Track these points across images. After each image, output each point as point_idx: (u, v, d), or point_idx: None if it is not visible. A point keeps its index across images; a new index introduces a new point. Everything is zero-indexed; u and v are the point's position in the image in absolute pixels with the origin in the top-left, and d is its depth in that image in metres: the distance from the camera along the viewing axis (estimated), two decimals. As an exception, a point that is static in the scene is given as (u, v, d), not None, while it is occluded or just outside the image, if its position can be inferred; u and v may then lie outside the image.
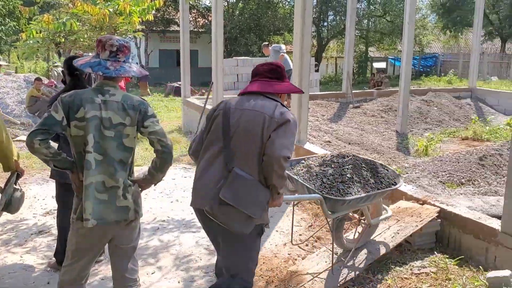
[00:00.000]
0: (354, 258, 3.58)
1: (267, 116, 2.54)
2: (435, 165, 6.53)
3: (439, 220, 3.95)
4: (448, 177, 6.04)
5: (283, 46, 10.50)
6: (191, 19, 23.99)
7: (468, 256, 3.67)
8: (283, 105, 2.66)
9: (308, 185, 3.14)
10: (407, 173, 6.31)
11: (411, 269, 3.52)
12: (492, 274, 3.05)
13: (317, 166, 3.39)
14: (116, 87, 2.63)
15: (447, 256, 3.67)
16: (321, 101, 11.74)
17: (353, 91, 12.40)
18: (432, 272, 3.44)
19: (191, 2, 12.74)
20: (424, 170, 6.38)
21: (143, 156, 7.55)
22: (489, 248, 3.54)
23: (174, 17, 24.89)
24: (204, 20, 25.79)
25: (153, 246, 4.33)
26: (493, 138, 8.79)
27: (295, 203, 3.93)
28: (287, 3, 28.21)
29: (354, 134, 8.89)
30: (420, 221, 3.86)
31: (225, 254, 2.68)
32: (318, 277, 3.41)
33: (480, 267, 3.41)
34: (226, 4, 24.60)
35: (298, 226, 4.75)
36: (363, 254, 3.60)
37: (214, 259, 4.03)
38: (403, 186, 4.56)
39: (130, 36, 9.47)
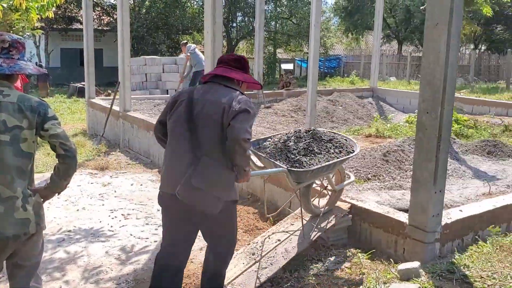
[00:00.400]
0: (271, 257, 3.56)
1: (226, 106, 2.73)
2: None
3: (351, 215, 4.07)
4: (355, 173, 6.26)
5: (192, 46, 10.47)
6: (95, 16, 22.91)
7: (379, 250, 3.81)
8: (243, 94, 2.88)
9: (274, 161, 3.42)
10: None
11: (326, 266, 3.58)
12: (402, 266, 3.19)
13: (282, 142, 3.67)
14: (11, 87, 2.37)
15: (360, 251, 3.79)
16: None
17: (264, 92, 12.56)
18: (347, 267, 3.52)
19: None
20: (333, 167, 6.57)
21: (45, 162, 7.03)
22: (398, 240, 3.71)
23: (76, 14, 23.63)
24: (109, 18, 24.77)
25: (58, 259, 4.01)
26: (394, 135, 9.30)
27: (265, 178, 4.21)
28: (195, 2, 28.00)
29: (266, 134, 8.98)
30: (333, 217, 3.95)
31: (210, 238, 3.00)
32: (236, 282, 3.34)
33: (391, 259, 3.55)
34: (132, 2, 23.82)
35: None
36: (279, 254, 3.59)
37: (126, 269, 3.83)
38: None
39: (28, 33, 8.79)
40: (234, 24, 28.84)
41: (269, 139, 3.80)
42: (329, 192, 4.10)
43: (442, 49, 3.26)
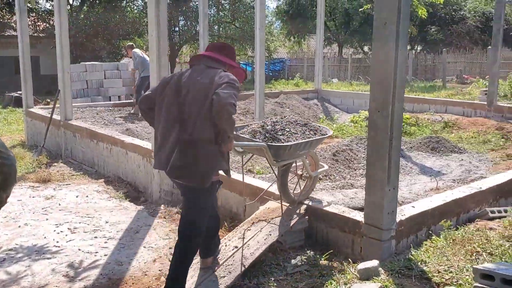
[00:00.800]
0: (229, 265, 3.46)
1: (210, 85, 2.94)
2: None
3: (307, 217, 4.04)
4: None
5: (138, 51, 10.35)
6: (30, 23, 21.89)
7: (336, 250, 3.80)
8: (225, 71, 3.08)
9: (253, 139, 3.66)
10: (270, 172, 6.44)
11: (285, 270, 3.53)
12: (362, 265, 3.18)
13: (259, 127, 3.88)
14: None
15: (318, 252, 3.76)
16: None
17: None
18: (306, 270, 3.48)
19: (29, 5, 11.51)
20: (285, 169, 6.56)
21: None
22: (355, 240, 3.71)
23: (9, 20, 22.48)
24: (45, 24, 23.73)
25: (-2, 281, 3.72)
26: (341, 135, 9.46)
27: (243, 163, 4.24)
28: (135, 7, 27.42)
29: (214, 138, 8.87)
30: (290, 220, 3.91)
31: (184, 205, 3.24)
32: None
33: (349, 259, 3.54)
34: (69, 7, 22.97)
35: (167, 239, 4.50)
36: (237, 261, 3.50)
37: (75, 286, 3.61)
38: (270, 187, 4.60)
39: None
40: (177, 29, 28.51)
41: (246, 127, 4.00)
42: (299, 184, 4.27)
43: (391, 48, 3.29)
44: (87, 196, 6.01)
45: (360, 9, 18.45)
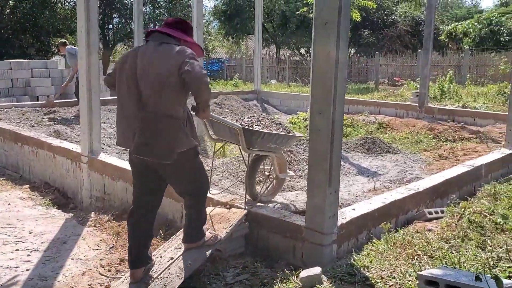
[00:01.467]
0: (165, 278, 3.23)
1: (170, 55, 2.95)
2: (234, 165, 6.61)
3: (247, 222, 3.88)
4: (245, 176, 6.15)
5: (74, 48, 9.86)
6: None
7: (278, 256, 3.67)
8: (179, 45, 3.07)
9: (229, 122, 3.84)
10: (208, 176, 6.24)
11: (225, 280, 3.35)
12: (304, 273, 3.06)
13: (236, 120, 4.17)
14: None
15: (259, 260, 3.62)
16: (113, 106, 11.13)
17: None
18: (246, 279, 3.32)
19: None
20: (224, 171, 6.39)
21: None
22: (296, 245, 3.59)
23: None
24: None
25: None
26: (280, 136, 9.42)
27: (214, 151, 4.85)
28: (67, 3, 26.19)
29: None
30: (230, 226, 3.73)
31: (175, 184, 3.33)
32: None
33: (291, 265, 3.42)
34: (-6, 1, 21.53)
35: (98, 250, 4.19)
36: (173, 273, 3.28)
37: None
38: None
39: None
40: (111, 26, 27.57)
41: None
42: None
43: (332, 49, 3.21)
44: (9, 204, 5.54)
45: (297, 12, 18.62)
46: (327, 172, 3.35)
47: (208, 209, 4.07)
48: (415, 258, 3.26)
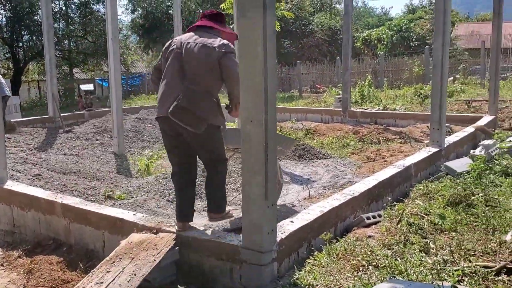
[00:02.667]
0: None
1: (212, 47, 3.56)
2: (160, 183, 6.18)
3: (177, 247, 3.50)
4: (170, 195, 5.74)
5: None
6: None
7: (214, 281, 3.33)
8: (223, 38, 3.67)
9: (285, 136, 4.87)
10: (132, 197, 5.77)
11: (156, 315, 2.96)
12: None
13: None
14: None
15: (192, 287, 3.26)
16: (25, 128, 10.33)
17: (62, 115, 11.28)
18: (180, 312, 2.95)
19: None
20: (150, 191, 5.95)
21: None
22: (234, 267, 3.27)
23: None
24: None
25: None
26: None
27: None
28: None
29: (69, 162, 7.83)
30: (157, 253, 3.33)
31: (199, 151, 3.76)
32: None
33: (230, 291, 3.10)
34: None
35: (5, 293, 3.62)
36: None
37: None
38: (131, 215, 3.98)
39: None
40: (21, 44, 25.94)
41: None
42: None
43: (260, 51, 2.95)
44: None
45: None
46: (262, 185, 3.07)
47: (132, 236, 3.65)
48: (360, 269, 3.05)
